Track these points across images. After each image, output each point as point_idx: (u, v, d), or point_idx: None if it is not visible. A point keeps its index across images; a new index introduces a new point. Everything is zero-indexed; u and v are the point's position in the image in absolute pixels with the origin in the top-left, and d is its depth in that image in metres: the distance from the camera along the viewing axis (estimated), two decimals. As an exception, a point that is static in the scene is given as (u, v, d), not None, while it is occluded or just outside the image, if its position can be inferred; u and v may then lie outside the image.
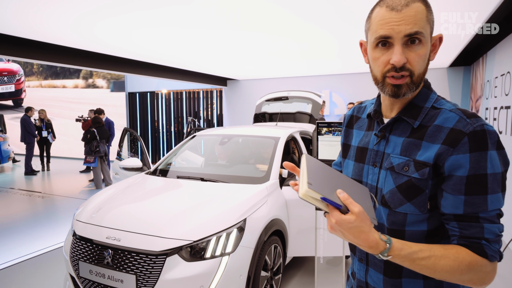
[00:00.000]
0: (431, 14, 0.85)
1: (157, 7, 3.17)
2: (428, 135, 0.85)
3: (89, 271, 2.19)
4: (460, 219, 0.81)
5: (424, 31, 0.82)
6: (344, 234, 0.76)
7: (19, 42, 4.45)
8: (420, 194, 0.85)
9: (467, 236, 0.80)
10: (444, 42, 3.88)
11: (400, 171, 0.88)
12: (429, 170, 0.83)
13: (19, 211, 5.47)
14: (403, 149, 0.89)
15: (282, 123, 4.73)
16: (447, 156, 0.81)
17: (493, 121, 4.71)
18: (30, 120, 8.58)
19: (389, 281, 0.94)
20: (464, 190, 0.79)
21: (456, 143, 0.80)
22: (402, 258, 0.79)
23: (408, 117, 0.90)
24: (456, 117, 0.83)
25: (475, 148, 0.79)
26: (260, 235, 2.39)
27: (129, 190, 2.91)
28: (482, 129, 0.79)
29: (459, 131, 0.81)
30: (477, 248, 0.79)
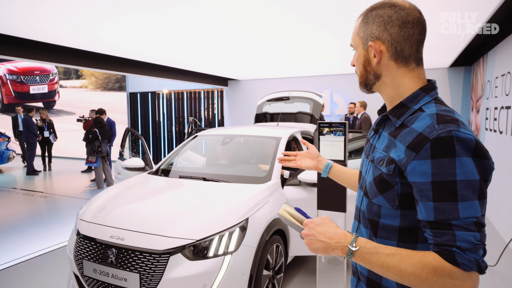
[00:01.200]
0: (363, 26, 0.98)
1: (157, 8, 3.19)
2: (401, 135, 0.89)
3: (93, 270, 2.22)
4: (433, 226, 0.80)
5: (353, 42, 1.02)
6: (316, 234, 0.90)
7: (21, 43, 4.48)
8: (390, 189, 0.90)
9: (439, 244, 0.79)
10: (445, 42, 3.89)
11: (377, 165, 0.94)
12: (395, 167, 0.88)
13: (21, 211, 5.49)
14: (386, 145, 0.95)
15: (283, 123, 4.75)
16: (410, 161, 0.83)
17: (493, 121, 4.72)
18: (32, 120, 8.61)
19: None
20: (432, 196, 0.79)
21: (419, 149, 0.81)
22: (368, 250, 0.84)
23: (393, 116, 0.95)
24: (429, 122, 0.84)
25: (439, 154, 0.79)
26: (262, 234, 2.41)
27: (132, 189, 2.93)
28: (449, 135, 0.78)
29: (424, 137, 0.82)
30: (448, 255, 0.77)
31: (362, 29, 0.97)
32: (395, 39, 0.92)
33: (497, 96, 4.57)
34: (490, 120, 4.94)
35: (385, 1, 0.95)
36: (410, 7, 0.93)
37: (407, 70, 0.94)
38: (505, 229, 4.16)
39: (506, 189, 4.13)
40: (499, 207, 4.43)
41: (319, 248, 0.90)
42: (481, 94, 5.70)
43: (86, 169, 8.90)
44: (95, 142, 6.90)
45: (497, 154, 4.52)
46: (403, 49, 0.92)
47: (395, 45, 0.92)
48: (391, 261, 0.81)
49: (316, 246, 0.90)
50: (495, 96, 4.68)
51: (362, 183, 1.04)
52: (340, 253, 0.87)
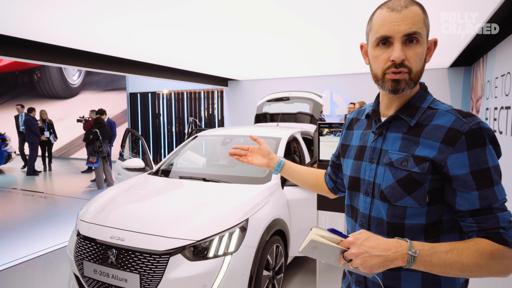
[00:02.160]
0: (427, 19, 0.91)
1: (158, 8, 3.19)
2: (426, 133, 0.89)
3: (93, 271, 2.22)
4: (476, 214, 0.84)
5: (421, 32, 0.88)
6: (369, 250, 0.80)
7: (22, 43, 4.48)
8: (419, 188, 0.89)
9: (485, 229, 0.83)
10: (445, 42, 3.87)
11: (399, 166, 0.91)
12: (429, 165, 0.87)
13: (22, 211, 5.50)
14: (401, 145, 0.93)
15: (283, 123, 4.75)
16: (448, 155, 0.85)
17: (493, 121, 4.73)
18: (34, 120, 8.61)
19: (388, 274, 0.96)
20: (476, 185, 0.83)
21: (455, 142, 0.85)
22: (427, 252, 0.80)
23: (405, 115, 0.94)
24: (453, 117, 0.88)
25: (474, 145, 0.84)
26: (262, 235, 2.41)
27: (132, 190, 2.94)
28: (479, 127, 0.84)
29: (456, 131, 0.85)
30: (497, 237, 0.82)
31: (427, 19, 0.91)
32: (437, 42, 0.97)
33: (497, 97, 4.57)
34: (490, 120, 4.95)
35: None
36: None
37: None
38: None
39: (506, 189, 4.13)
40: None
41: (376, 264, 0.80)
42: (481, 94, 5.70)
43: (86, 169, 8.91)
44: (96, 143, 6.91)
45: (497, 154, 4.51)
46: None
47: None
48: (452, 257, 0.80)
49: (373, 263, 0.80)
50: (495, 96, 4.68)
51: (367, 189, 1.00)
52: (400, 263, 0.80)
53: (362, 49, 1.03)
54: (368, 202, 1.00)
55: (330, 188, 1.31)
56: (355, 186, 1.05)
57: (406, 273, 0.94)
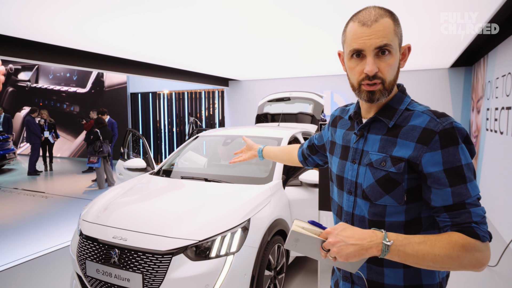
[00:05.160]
0: (398, 28, 0.95)
1: (158, 9, 3.20)
2: (403, 133, 0.94)
3: (96, 270, 2.23)
4: (450, 209, 0.88)
5: (392, 43, 0.92)
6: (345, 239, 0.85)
7: (22, 44, 4.49)
8: (397, 187, 0.94)
9: (458, 223, 0.87)
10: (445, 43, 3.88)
11: (378, 166, 0.97)
12: (404, 165, 0.92)
13: (23, 211, 5.51)
14: (380, 146, 0.98)
15: (284, 123, 4.76)
16: (422, 154, 0.90)
17: (494, 121, 4.73)
18: (34, 121, 8.63)
19: (372, 268, 1.01)
20: (449, 182, 0.88)
21: (429, 142, 0.89)
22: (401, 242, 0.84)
23: (384, 117, 0.99)
24: (428, 117, 0.92)
25: (447, 144, 0.88)
26: (264, 235, 2.42)
27: (134, 190, 2.95)
28: (452, 126, 0.89)
29: (431, 130, 0.90)
30: (469, 231, 0.85)
31: (398, 28, 0.95)
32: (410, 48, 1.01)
33: (498, 97, 4.58)
34: (490, 121, 4.95)
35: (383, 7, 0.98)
36: None
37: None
38: (505, 229, 4.17)
39: (506, 189, 4.14)
40: (499, 207, 4.43)
41: (352, 253, 0.84)
42: (482, 94, 5.70)
43: (87, 169, 8.92)
44: (97, 143, 6.92)
45: (498, 155, 4.52)
46: None
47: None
48: (424, 248, 0.84)
49: (348, 251, 0.84)
50: (496, 96, 4.68)
51: (350, 188, 1.04)
52: (375, 252, 0.84)
53: (340, 57, 1.09)
54: (351, 201, 1.05)
55: (300, 161, 1.51)
56: (339, 184, 1.10)
57: (389, 270, 0.99)
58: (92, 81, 10.70)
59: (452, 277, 3.46)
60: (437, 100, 7.11)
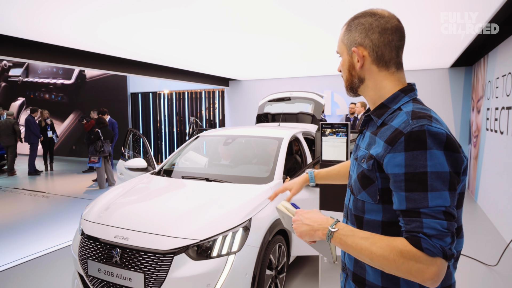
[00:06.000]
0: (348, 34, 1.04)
1: (159, 9, 3.20)
2: (381, 132, 0.96)
3: (97, 270, 2.24)
4: (404, 215, 0.85)
5: (339, 49, 1.08)
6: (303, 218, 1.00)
7: (22, 43, 4.49)
8: (371, 185, 0.96)
9: (408, 230, 0.83)
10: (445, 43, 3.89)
11: (360, 162, 1.01)
12: (373, 163, 0.94)
13: (24, 211, 5.51)
14: (367, 143, 1.02)
15: (284, 123, 4.76)
16: (386, 154, 0.90)
17: (494, 121, 4.74)
18: (34, 121, 8.63)
19: (358, 262, 1.05)
20: (404, 187, 0.85)
21: (394, 142, 0.88)
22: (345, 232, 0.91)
23: (374, 115, 1.02)
24: (404, 118, 0.90)
25: (411, 147, 0.84)
26: (265, 234, 2.43)
27: (136, 190, 2.95)
28: (422, 129, 0.84)
29: (399, 132, 0.88)
30: (414, 240, 0.81)
31: (346, 36, 1.05)
32: (376, 45, 0.99)
33: (498, 97, 4.58)
34: (491, 121, 4.96)
35: (366, 11, 1.03)
36: (389, 15, 1.01)
37: (388, 73, 1.01)
38: (505, 229, 4.17)
39: (506, 189, 4.15)
40: (499, 207, 4.44)
41: (304, 232, 0.98)
42: (482, 94, 5.71)
43: (87, 169, 8.93)
44: (98, 142, 6.93)
45: (498, 154, 4.53)
46: (384, 54, 0.99)
47: (376, 50, 0.99)
48: (364, 244, 0.87)
49: (302, 229, 0.99)
50: (496, 96, 4.69)
51: (350, 181, 1.11)
52: (321, 235, 0.95)
53: None
54: (349, 195, 1.11)
55: None
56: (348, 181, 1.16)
57: (369, 266, 1.01)
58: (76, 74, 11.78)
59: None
60: (437, 100, 7.11)
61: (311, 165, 3.26)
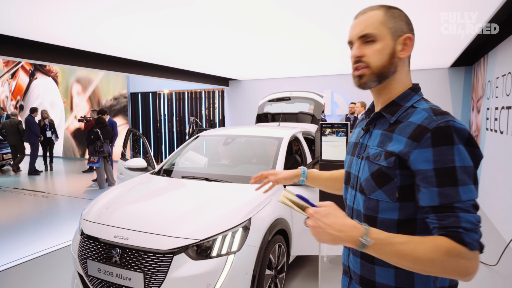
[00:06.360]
0: (391, 20, 0.98)
1: (158, 9, 3.20)
2: (399, 129, 0.95)
3: (97, 270, 2.23)
4: (437, 211, 0.84)
5: (376, 32, 0.96)
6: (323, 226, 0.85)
7: (22, 43, 4.49)
8: (389, 182, 0.93)
9: (445, 226, 0.82)
10: (445, 43, 3.88)
11: (373, 160, 0.97)
12: (395, 159, 0.91)
13: (24, 211, 5.51)
14: (379, 141, 0.99)
15: (284, 123, 4.76)
16: (412, 150, 0.88)
17: (494, 121, 4.74)
18: (34, 121, 8.63)
19: (365, 265, 1.00)
20: (436, 182, 0.84)
21: (420, 138, 0.87)
22: (382, 241, 0.82)
23: (387, 113, 1.00)
24: (426, 114, 0.91)
25: (439, 143, 0.85)
26: (265, 234, 2.43)
27: (136, 190, 2.95)
28: (447, 125, 0.85)
29: (424, 127, 0.88)
30: (455, 236, 0.80)
31: (391, 21, 0.98)
32: (413, 39, 1.00)
33: (498, 96, 4.58)
34: (490, 120, 4.96)
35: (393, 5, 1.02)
36: None
37: (408, 70, 1.02)
38: (505, 229, 4.17)
39: (506, 189, 4.15)
40: (499, 207, 4.44)
41: (327, 240, 0.86)
42: (482, 94, 5.71)
43: (87, 169, 8.92)
44: (97, 142, 6.92)
45: (498, 154, 4.53)
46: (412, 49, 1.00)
47: (413, 44, 1.00)
48: (405, 249, 0.81)
49: (324, 238, 0.86)
50: (496, 96, 4.69)
51: (353, 182, 1.07)
52: (352, 246, 0.84)
53: None
54: (352, 195, 1.07)
55: None
56: (347, 180, 1.12)
57: (379, 268, 0.97)
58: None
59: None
60: (437, 99, 7.11)
61: (311, 165, 3.26)
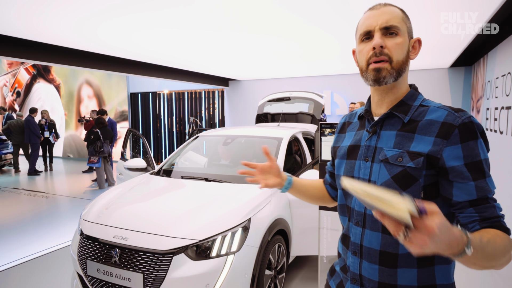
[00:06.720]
0: (407, 20, 1.00)
1: (158, 9, 3.20)
2: (420, 128, 0.93)
3: (96, 270, 2.23)
4: (475, 204, 0.87)
5: (399, 26, 0.95)
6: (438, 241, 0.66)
7: (22, 44, 4.49)
8: (414, 183, 0.91)
9: (487, 218, 0.85)
10: (445, 43, 3.87)
11: (394, 162, 0.94)
12: (424, 160, 0.90)
13: (23, 211, 5.51)
14: (396, 142, 0.96)
15: (284, 123, 4.76)
16: (443, 148, 0.89)
17: (494, 121, 4.74)
18: (34, 121, 8.63)
19: (384, 271, 0.96)
20: (471, 177, 0.87)
21: (449, 136, 0.88)
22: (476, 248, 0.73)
23: (399, 113, 0.98)
24: (445, 112, 0.92)
25: (467, 138, 0.88)
26: (264, 234, 2.42)
27: (135, 190, 2.95)
28: (470, 121, 0.89)
29: (450, 124, 0.89)
30: (499, 225, 0.84)
31: (408, 21, 1.00)
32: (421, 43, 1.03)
33: (498, 97, 4.58)
34: (490, 120, 4.96)
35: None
36: None
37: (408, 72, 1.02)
38: (505, 229, 4.17)
39: (506, 189, 4.14)
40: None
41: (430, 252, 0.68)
42: (482, 94, 5.71)
43: (87, 169, 8.92)
44: (97, 143, 6.92)
45: (497, 154, 4.53)
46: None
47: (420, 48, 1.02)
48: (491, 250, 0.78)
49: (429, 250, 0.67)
50: (496, 96, 4.69)
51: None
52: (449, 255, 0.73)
53: (354, 55, 1.10)
54: None
55: (333, 197, 1.31)
56: None
57: (403, 270, 0.95)
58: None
59: (452, 276, 3.45)
60: (437, 99, 7.02)
61: (310, 165, 3.25)
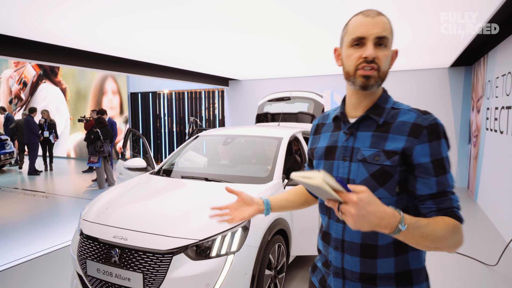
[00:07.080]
0: (392, 31, 1.06)
1: (158, 9, 3.20)
2: (393, 129, 1.02)
3: (96, 270, 2.23)
4: (434, 197, 0.98)
5: (389, 38, 1.03)
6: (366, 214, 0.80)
7: (22, 43, 4.49)
8: (390, 180, 1.01)
9: (443, 209, 0.97)
10: (445, 43, 3.87)
11: (371, 161, 1.02)
12: (399, 158, 0.99)
13: (23, 211, 5.51)
14: (372, 142, 1.04)
15: (284, 123, 4.76)
16: (414, 146, 0.98)
17: (494, 121, 4.73)
18: (34, 121, 8.63)
19: (366, 262, 1.05)
20: (434, 173, 0.97)
21: (419, 135, 0.99)
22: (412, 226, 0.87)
23: (374, 115, 1.06)
24: (415, 114, 1.02)
25: (433, 138, 0.98)
26: (264, 234, 2.42)
27: (135, 190, 2.95)
28: (436, 122, 1.00)
29: (419, 125, 0.99)
30: (453, 215, 0.96)
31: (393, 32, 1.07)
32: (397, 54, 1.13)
33: (498, 96, 4.58)
34: (490, 120, 4.96)
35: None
36: None
37: None
38: (505, 229, 4.17)
39: (506, 189, 4.14)
40: (499, 206, 4.44)
41: (365, 227, 0.82)
42: (482, 94, 5.71)
43: (87, 169, 8.92)
44: (97, 142, 6.92)
45: (498, 154, 4.53)
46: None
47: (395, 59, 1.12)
48: (428, 230, 0.89)
49: (363, 225, 0.82)
50: (496, 96, 4.69)
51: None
52: (386, 232, 0.85)
53: (335, 52, 1.14)
54: None
55: (316, 197, 1.37)
56: None
57: (382, 260, 1.04)
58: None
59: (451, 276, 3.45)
60: (437, 99, 7.11)
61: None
